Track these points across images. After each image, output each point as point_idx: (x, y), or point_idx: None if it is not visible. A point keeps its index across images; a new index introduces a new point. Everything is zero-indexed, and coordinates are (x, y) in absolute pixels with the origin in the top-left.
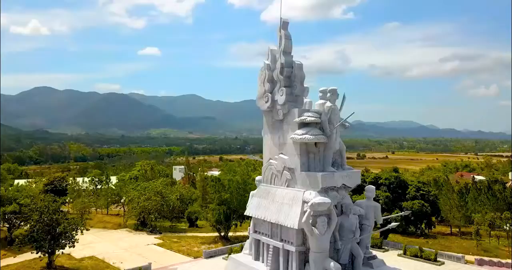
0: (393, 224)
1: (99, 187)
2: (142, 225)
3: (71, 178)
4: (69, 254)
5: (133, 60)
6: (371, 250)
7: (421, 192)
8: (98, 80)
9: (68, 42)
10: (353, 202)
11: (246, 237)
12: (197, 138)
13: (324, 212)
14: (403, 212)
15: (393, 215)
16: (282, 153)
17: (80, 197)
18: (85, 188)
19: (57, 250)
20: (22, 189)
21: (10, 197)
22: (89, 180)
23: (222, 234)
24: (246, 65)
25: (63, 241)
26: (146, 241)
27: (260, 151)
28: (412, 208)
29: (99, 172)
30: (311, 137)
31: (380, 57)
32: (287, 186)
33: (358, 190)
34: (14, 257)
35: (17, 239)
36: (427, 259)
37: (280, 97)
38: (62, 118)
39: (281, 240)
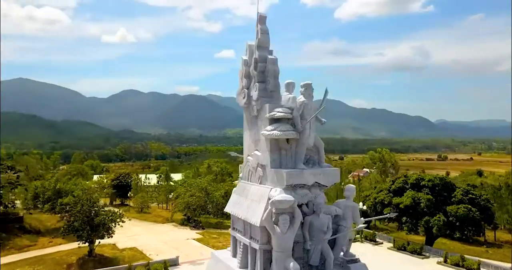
0: (392, 214)
1: (161, 183)
2: (187, 220)
3: (134, 174)
4: (114, 244)
5: (211, 62)
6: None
7: (470, 195)
8: (179, 83)
9: (152, 48)
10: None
11: None
12: None
13: (287, 210)
14: (388, 214)
15: (376, 217)
16: (257, 149)
17: (140, 192)
18: (147, 184)
19: (96, 240)
20: (78, 182)
21: (67, 190)
22: (157, 177)
23: None
24: (319, 64)
25: (101, 232)
26: (186, 236)
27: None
28: (456, 212)
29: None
30: (279, 132)
31: (464, 51)
32: (259, 183)
33: (399, 192)
34: (59, 245)
35: (62, 228)
36: (469, 269)
37: (254, 93)
38: (146, 119)
39: (250, 238)
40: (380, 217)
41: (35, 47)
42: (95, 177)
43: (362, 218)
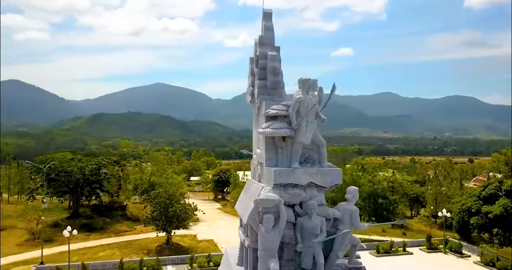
0: (399, 221)
1: None
2: None
3: (233, 170)
4: (194, 235)
5: (328, 61)
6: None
7: None
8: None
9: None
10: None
11: (374, 240)
12: (391, 137)
13: (272, 210)
14: (396, 221)
15: (381, 224)
16: (258, 147)
17: (237, 188)
18: (244, 180)
19: (172, 230)
20: (170, 177)
21: (160, 183)
22: None
23: None
24: (448, 58)
25: (175, 223)
26: None
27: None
28: None
29: None
30: (271, 130)
31: None
32: (258, 181)
33: (491, 199)
34: (149, 232)
35: (145, 218)
36: None
37: (256, 91)
38: None
39: (246, 236)
40: (386, 223)
41: (169, 55)
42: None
43: (366, 224)
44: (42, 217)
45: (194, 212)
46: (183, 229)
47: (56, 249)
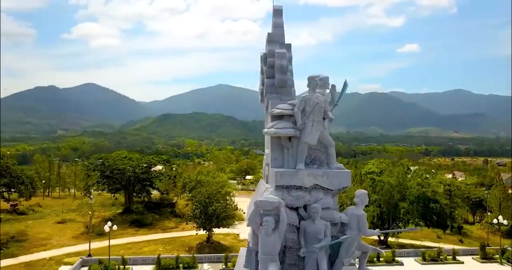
0: (415, 228)
1: None
2: None
3: None
4: (237, 234)
5: (393, 58)
6: None
7: None
8: (360, 81)
9: (332, 49)
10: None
11: (409, 245)
12: (462, 137)
13: (272, 212)
14: (408, 228)
15: (393, 230)
16: (267, 148)
17: None
18: None
19: (212, 228)
20: (217, 176)
21: (206, 182)
22: None
23: (382, 238)
24: None
25: (214, 221)
26: None
27: None
28: None
29: None
30: (275, 130)
31: None
32: (266, 182)
33: None
34: (193, 230)
35: (186, 216)
36: None
37: (264, 89)
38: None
39: (251, 238)
40: (399, 230)
41: (232, 57)
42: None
43: (376, 230)
44: (89, 212)
45: (234, 211)
46: (223, 227)
47: (106, 242)
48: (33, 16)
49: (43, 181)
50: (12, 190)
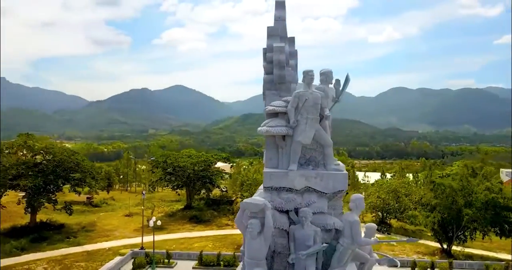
0: (410, 239)
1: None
2: (378, 223)
3: (351, 171)
4: None
5: (489, 51)
6: None
7: None
8: (451, 77)
9: (418, 43)
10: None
11: (479, 256)
12: None
13: (258, 215)
14: (406, 239)
15: (389, 241)
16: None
17: (355, 189)
18: (366, 182)
19: None
20: None
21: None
22: (380, 175)
23: (444, 246)
24: None
25: None
26: None
27: None
28: None
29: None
30: (266, 128)
31: None
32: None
33: None
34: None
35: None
36: None
37: (262, 86)
38: (414, 116)
39: None
40: (395, 240)
41: (312, 55)
42: None
43: (373, 239)
44: (142, 207)
45: None
46: None
47: (164, 236)
48: (128, 25)
49: (121, 176)
50: (83, 184)
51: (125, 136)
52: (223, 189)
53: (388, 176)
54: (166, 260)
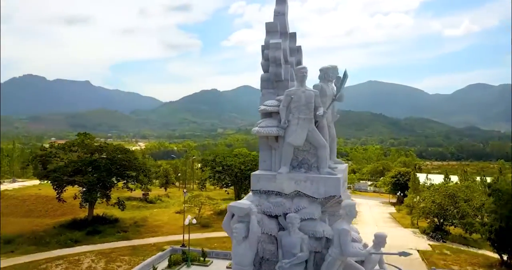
0: (401, 253)
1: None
2: (433, 229)
3: (412, 173)
4: None
5: None
6: None
7: None
8: None
9: (498, 35)
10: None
11: None
12: None
13: (245, 219)
14: (398, 252)
15: (381, 253)
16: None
17: (416, 192)
18: (427, 184)
19: None
20: None
21: None
22: (444, 178)
23: (505, 258)
24: None
25: None
26: (412, 245)
27: None
28: None
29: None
30: (257, 129)
31: None
32: None
33: None
34: None
35: None
36: None
37: (260, 84)
38: (495, 114)
39: None
40: (386, 253)
41: (382, 51)
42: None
43: (365, 250)
44: (184, 206)
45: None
46: None
47: (209, 234)
48: (198, 28)
49: (179, 174)
50: (135, 181)
51: (195, 135)
52: None
53: (454, 178)
54: (201, 258)
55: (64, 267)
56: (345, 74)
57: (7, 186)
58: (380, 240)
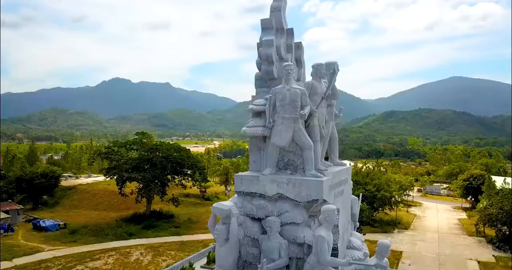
0: (377, 265)
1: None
2: (501, 239)
3: (487, 176)
4: (376, 241)
5: None
6: None
7: None
8: None
9: None
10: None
11: None
12: None
13: (227, 221)
14: (375, 264)
15: (365, 264)
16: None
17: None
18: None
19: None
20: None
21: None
22: None
23: None
24: None
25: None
26: (473, 255)
27: None
28: None
29: None
30: (245, 128)
31: None
32: None
33: None
34: None
35: None
36: None
37: (254, 83)
38: None
39: None
40: (362, 264)
41: (468, 45)
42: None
43: (345, 259)
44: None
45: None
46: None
47: None
48: None
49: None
50: (189, 178)
51: None
52: None
53: None
54: None
55: (115, 258)
56: (334, 70)
57: (82, 180)
58: (382, 249)
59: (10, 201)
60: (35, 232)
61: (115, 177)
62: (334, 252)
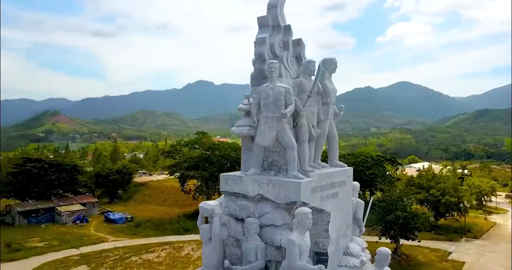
0: None
1: None
2: None
3: None
4: (446, 252)
5: None
6: None
7: None
8: None
9: None
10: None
11: None
12: None
13: (212, 220)
14: None
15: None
16: None
17: None
18: None
19: (399, 239)
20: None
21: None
22: None
23: None
24: None
25: (403, 232)
26: None
27: None
28: None
29: None
30: (233, 128)
31: None
32: None
33: None
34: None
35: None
36: None
37: (250, 82)
38: None
39: None
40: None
41: None
42: None
43: (317, 266)
44: None
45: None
46: (411, 240)
47: None
48: (352, 26)
49: None
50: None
51: (346, 134)
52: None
53: None
54: None
55: (167, 251)
56: (319, 67)
57: (154, 177)
58: (381, 257)
59: (87, 194)
60: (105, 223)
61: (177, 175)
62: (323, 257)
